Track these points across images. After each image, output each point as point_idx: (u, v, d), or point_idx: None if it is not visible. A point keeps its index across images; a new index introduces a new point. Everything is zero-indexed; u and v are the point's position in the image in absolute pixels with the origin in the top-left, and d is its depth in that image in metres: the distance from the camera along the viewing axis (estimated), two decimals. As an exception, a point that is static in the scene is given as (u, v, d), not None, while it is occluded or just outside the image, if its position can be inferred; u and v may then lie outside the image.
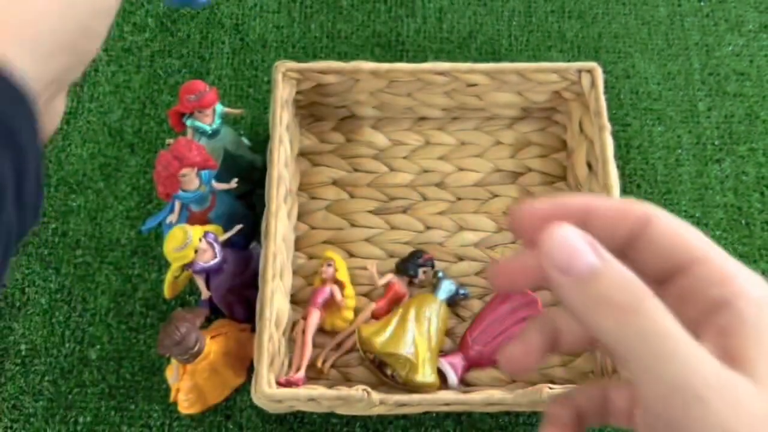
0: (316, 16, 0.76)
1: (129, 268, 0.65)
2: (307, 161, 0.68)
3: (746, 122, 0.71)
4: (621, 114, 0.71)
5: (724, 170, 0.69)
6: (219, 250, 0.56)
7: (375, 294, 0.63)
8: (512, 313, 0.59)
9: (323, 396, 0.51)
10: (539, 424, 0.59)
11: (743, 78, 0.73)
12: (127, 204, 0.67)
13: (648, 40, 0.75)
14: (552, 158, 0.68)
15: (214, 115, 0.60)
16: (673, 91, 0.72)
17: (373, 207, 0.66)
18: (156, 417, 0.59)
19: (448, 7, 0.77)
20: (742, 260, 0.73)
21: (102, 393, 0.60)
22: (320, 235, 0.65)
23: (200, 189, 0.57)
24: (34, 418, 0.59)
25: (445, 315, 0.60)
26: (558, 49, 0.75)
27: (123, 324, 0.63)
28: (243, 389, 0.60)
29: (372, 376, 0.59)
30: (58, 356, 0.61)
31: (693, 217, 0.67)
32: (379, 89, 0.65)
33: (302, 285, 0.63)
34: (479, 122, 0.69)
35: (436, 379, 0.57)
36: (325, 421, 0.59)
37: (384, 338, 0.57)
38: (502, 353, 0.25)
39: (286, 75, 0.62)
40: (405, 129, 0.69)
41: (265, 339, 0.52)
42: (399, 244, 0.65)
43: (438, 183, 0.67)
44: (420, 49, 0.75)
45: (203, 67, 0.73)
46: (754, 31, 0.75)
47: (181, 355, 0.53)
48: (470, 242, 0.65)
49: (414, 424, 0.59)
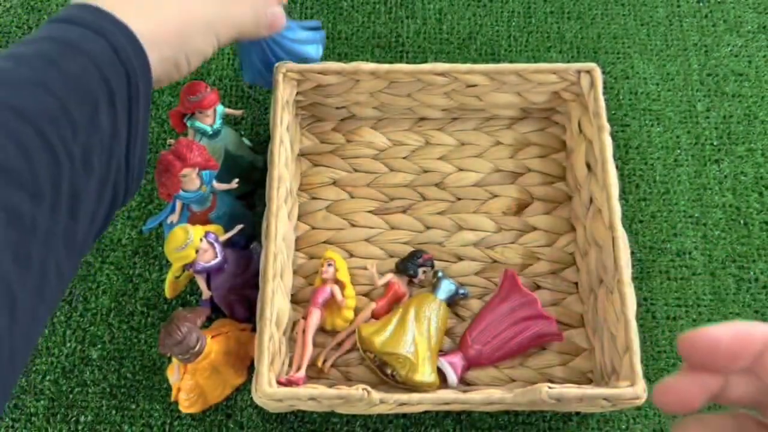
0: (316, 17, 0.77)
1: (130, 267, 0.65)
2: (307, 161, 0.68)
3: (745, 123, 0.71)
4: (620, 114, 0.72)
5: (723, 170, 0.69)
6: (220, 250, 0.56)
7: (375, 294, 0.63)
8: (512, 312, 0.59)
9: (323, 395, 0.51)
10: (538, 423, 0.59)
11: (742, 78, 0.73)
12: (128, 204, 0.67)
13: (647, 41, 0.75)
14: (551, 158, 0.68)
15: (215, 116, 0.60)
16: (671, 91, 0.73)
17: (373, 207, 0.66)
18: (157, 416, 0.60)
19: (448, 9, 0.77)
20: (741, 260, 0.73)
21: (103, 392, 0.60)
22: (320, 235, 0.65)
23: (201, 189, 0.57)
24: (36, 417, 0.60)
25: (444, 314, 0.60)
26: (557, 50, 0.75)
27: (124, 323, 0.63)
28: (244, 388, 0.60)
29: (372, 375, 0.59)
30: (60, 356, 0.62)
31: (692, 217, 0.67)
32: (379, 90, 0.65)
33: (302, 285, 0.63)
34: (479, 123, 0.70)
35: (435, 378, 0.57)
36: (326, 420, 0.59)
37: (384, 338, 0.57)
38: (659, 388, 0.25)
39: (287, 76, 0.62)
40: (405, 129, 0.69)
41: (265, 338, 0.53)
42: (399, 244, 0.65)
43: (438, 183, 0.67)
44: (420, 50, 0.75)
45: (204, 67, 0.74)
46: (753, 32, 0.75)
47: (182, 354, 0.53)
48: (470, 242, 0.65)
49: (414, 423, 0.59)
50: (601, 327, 0.58)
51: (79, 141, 0.35)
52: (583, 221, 0.63)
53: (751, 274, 0.65)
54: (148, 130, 0.41)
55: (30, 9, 0.77)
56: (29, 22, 0.76)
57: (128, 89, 0.39)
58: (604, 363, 0.57)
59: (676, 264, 0.65)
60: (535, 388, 0.51)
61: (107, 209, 0.40)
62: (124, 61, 0.39)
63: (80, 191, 0.36)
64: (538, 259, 0.64)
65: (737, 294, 0.64)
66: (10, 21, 0.76)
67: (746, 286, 0.64)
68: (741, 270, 0.65)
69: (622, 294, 0.54)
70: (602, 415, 0.60)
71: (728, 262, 0.65)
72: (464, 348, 0.59)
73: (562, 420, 0.59)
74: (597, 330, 0.59)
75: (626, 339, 0.53)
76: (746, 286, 0.64)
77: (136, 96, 0.39)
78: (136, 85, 0.39)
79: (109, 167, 0.38)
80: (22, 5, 0.77)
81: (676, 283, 0.64)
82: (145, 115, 0.40)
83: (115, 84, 0.38)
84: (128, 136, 0.39)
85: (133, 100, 0.39)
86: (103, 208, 0.39)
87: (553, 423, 0.59)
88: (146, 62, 0.40)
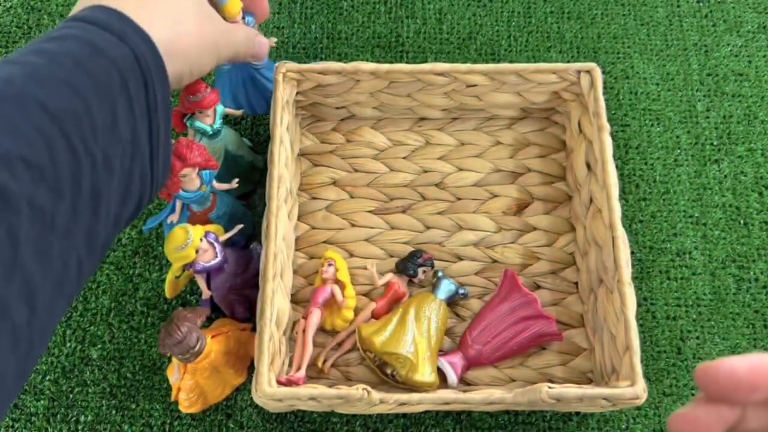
0: (316, 17, 0.77)
1: (130, 267, 0.65)
2: (307, 161, 0.68)
3: (745, 122, 0.71)
4: (620, 114, 0.72)
5: (723, 170, 0.69)
6: (220, 249, 0.56)
7: (375, 294, 0.63)
8: (512, 312, 0.59)
9: (324, 395, 0.51)
10: (538, 423, 0.59)
11: (742, 78, 0.73)
12: (128, 204, 0.67)
13: (647, 41, 0.75)
14: (551, 158, 0.68)
15: (215, 116, 0.60)
16: (671, 91, 0.73)
17: (373, 207, 0.66)
18: (157, 416, 0.60)
19: (448, 9, 0.77)
20: (741, 260, 0.73)
21: (103, 392, 0.60)
22: (320, 235, 0.65)
23: (201, 189, 0.57)
24: (36, 417, 0.60)
25: (444, 314, 0.60)
26: (557, 50, 0.75)
27: (124, 323, 0.63)
28: (244, 388, 0.60)
29: (372, 375, 0.59)
30: (59, 355, 0.62)
31: (692, 217, 0.67)
32: (379, 90, 0.65)
33: (302, 285, 0.63)
34: (479, 123, 0.70)
35: (435, 378, 0.57)
36: (326, 420, 0.59)
37: (384, 337, 0.57)
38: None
39: (287, 76, 0.62)
40: (405, 129, 0.69)
41: (265, 338, 0.53)
42: (399, 244, 0.65)
43: (438, 183, 0.67)
44: (420, 50, 0.75)
45: (204, 67, 0.74)
46: (753, 32, 0.75)
47: (182, 354, 0.53)
48: (470, 242, 0.65)
49: (414, 422, 0.59)
50: (601, 327, 0.58)
51: (99, 143, 0.36)
52: (583, 221, 0.63)
53: (751, 274, 0.65)
54: (170, 138, 0.43)
55: (30, 9, 0.77)
56: (29, 22, 0.76)
57: (146, 97, 0.40)
58: (604, 363, 0.57)
59: (676, 264, 0.65)
60: (535, 388, 0.51)
61: (132, 212, 0.41)
62: (144, 69, 0.39)
63: (101, 191, 0.36)
64: (538, 259, 0.64)
65: (737, 294, 0.64)
66: (10, 21, 0.76)
67: (746, 286, 0.64)
68: (741, 270, 0.65)
69: (622, 294, 0.54)
70: (602, 415, 0.60)
71: (728, 262, 0.65)
72: (464, 348, 0.59)
73: (562, 420, 0.59)
74: (597, 330, 0.59)
75: (626, 339, 0.53)
76: (746, 286, 0.64)
77: (154, 104, 0.40)
78: (154, 93, 0.40)
79: (131, 171, 0.39)
80: (22, 5, 0.77)
81: (676, 283, 0.64)
82: (166, 123, 0.41)
83: (134, 91, 0.38)
84: (150, 142, 0.40)
85: (152, 109, 0.40)
86: (127, 211, 0.40)
87: (553, 423, 0.59)
88: (164, 71, 0.41)
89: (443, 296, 0.60)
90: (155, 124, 0.40)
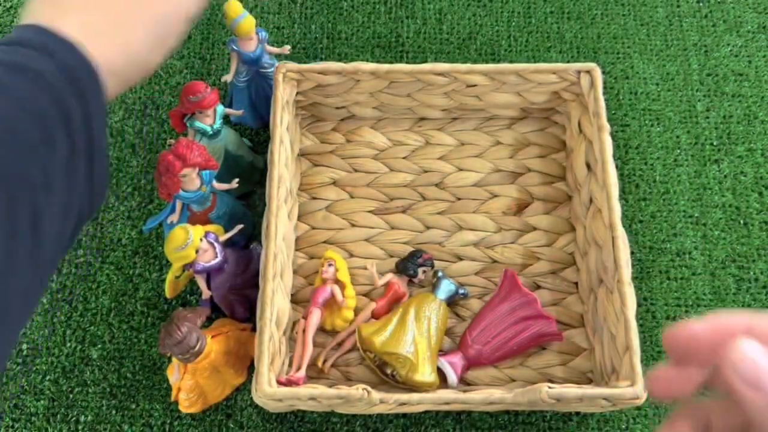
0: (316, 17, 0.77)
1: (130, 267, 0.65)
2: (307, 161, 0.68)
3: (744, 122, 0.71)
4: (620, 114, 0.72)
5: (723, 170, 0.69)
6: (220, 249, 0.56)
7: (375, 294, 0.63)
8: (512, 312, 0.59)
9: (324, 395, 0.51)
10: (538, 423, 0.59)
11: (741, 78, 0.73)
12: (129, 204, 0.67)
13: (647, 41, 0.75)
14: (551, 158, 0.68)
15: (215, 116, 0.60)
16: (671, 91, 0.73)
17: (372, 207, 0.66)
18: (157, 416, 0.60)
19: (448, 9, 0.77)
20: (741, 260, 0.73)
21: (103, 392, 0.60)
22: (320, 235, 0.65)
23: (201, 189, 0.57)
24: (36, 417, 0.60)
25: (444, 314, 0.60)
26: (557, 50, 0.75)
27: (124, 323, 0.63)
28: (244, 388, 0.60)
29: (372, 375, 0.59)
30: (60, 355, 0.62)
31: (691, 217, 0.67)
32: (379, 90, 0.65)
33: (302, 285, 0.63)
34: (479, 123, 0.70)
35: (435, 378, 0.57)
36: (326, 420, 0.59)
37: (384, 337, 0.57)
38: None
39: (287, 76, 0.62)
40: (405, 129, 0.69)
41: (265, 338, 0.53)
42: (399, 244, 0.65)
43: (438, 183, 0.67)
44: (420, 50, 0.75)
45: (204, 67, 0.74)
46: (753, 32, 0.75)
47: (182, 354, 0.53)
48: (469, 242, 0.65)
49: (414, 422, 0.59)
50: (601, 327, 0.58)
51: (36, 162, 0.35)
52: (583, 221, 0.63)
53: (751, 274, 0.65)
54: (106, 145, 0.40)
55: (30, 9, 0.77)
56: (29, 22, 0.76)
57: (82, 106, 0.38)
58: (604, 363, 0.57)
59: (676, 264, 0.65)
60: (535, 388, 0.51)
61: (73, 227, 0.39)
62: (75, 80, 0.38)
63: (42, 213, 0.35)
64: (538, 259, 0.64)
65: (737, 294, 0.64)
66: (10, 21, 0.76)
67: (746, 286, 0.64)
68: (741, 270, 0.65)
69: (622, 294, 0.54)
70: (602, 415, 0.60)
71: (728, 262, 0.65)
72: (464, 348, 0.59)
73: (562, 420, 0.59)
74: (597, 330, 0.59)
75: (626, 339, 0.53)
76: (746, 286, 0.64)
77: (90, 112, 0.38)
78: (88, 101, 0.38)
79: (71, 186, 0.37)
80: (23, 5, 0.77)
81: (676, 283, 0.64)
82: (100, 131, 0.39)
83: (68, 102, 0.37)
84: (88, 152, 0.38)
85: (90, 117, 0.38)
86: (68, 227, 0.38)
87: (553, 423, 0.59)
88: (97, 79, 0.39)
89: (443, 296, 0.60)
90: (92, 134, 0.38)
